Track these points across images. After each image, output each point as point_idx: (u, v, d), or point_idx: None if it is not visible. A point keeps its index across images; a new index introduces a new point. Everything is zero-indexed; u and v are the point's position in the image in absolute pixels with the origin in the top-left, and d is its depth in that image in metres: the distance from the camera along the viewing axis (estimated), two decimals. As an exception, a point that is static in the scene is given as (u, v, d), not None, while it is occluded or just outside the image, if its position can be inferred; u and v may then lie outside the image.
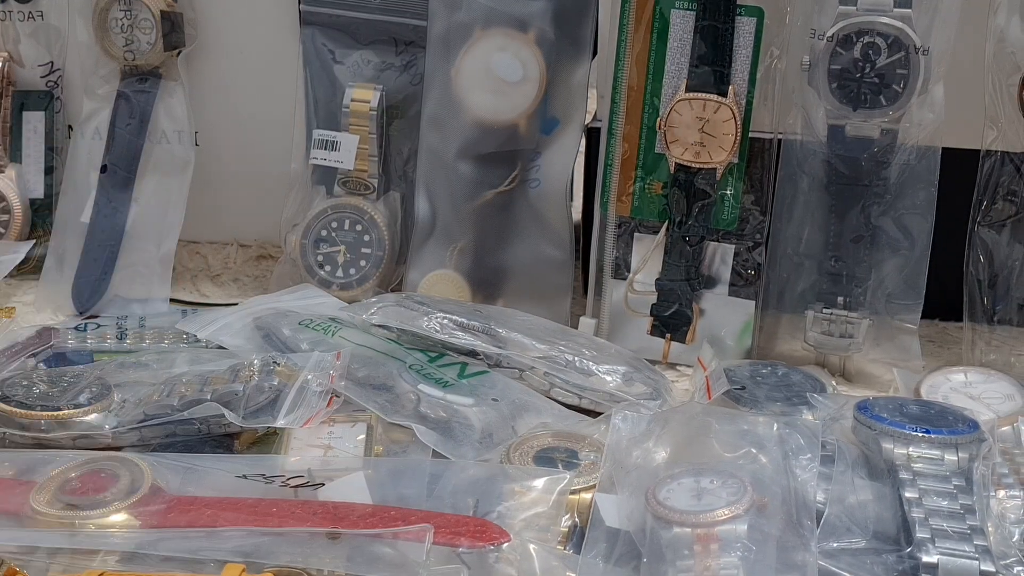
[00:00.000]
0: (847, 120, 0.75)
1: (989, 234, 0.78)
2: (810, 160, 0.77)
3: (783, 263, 0.78)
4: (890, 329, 0.77)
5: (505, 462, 0.61)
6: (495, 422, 0.66)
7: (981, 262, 0.78)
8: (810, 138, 0.76)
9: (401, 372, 0.69)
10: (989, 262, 0.78)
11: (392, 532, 0.50)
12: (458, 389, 0.69)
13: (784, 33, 0.77)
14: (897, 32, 0.72)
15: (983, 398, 0.69)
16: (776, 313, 0.80)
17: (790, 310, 0.79)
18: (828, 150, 0.76)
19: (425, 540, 0.50)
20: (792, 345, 0.80)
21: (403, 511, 0.53)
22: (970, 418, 0.60)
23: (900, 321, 0.77)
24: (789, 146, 0.78)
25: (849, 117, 0.75)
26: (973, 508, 0.53)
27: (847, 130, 0.75)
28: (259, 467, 0.58)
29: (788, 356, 0.80)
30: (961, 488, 0.55)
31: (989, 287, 0.78)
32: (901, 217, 0.76)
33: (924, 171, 0.75)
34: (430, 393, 0.68)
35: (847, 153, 0.75)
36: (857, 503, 0.55)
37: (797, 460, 0.56)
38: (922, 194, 0.75)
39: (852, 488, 0.56)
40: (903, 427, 0.58)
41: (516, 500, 0.56)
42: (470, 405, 0.67)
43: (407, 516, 0.53)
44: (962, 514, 0.53)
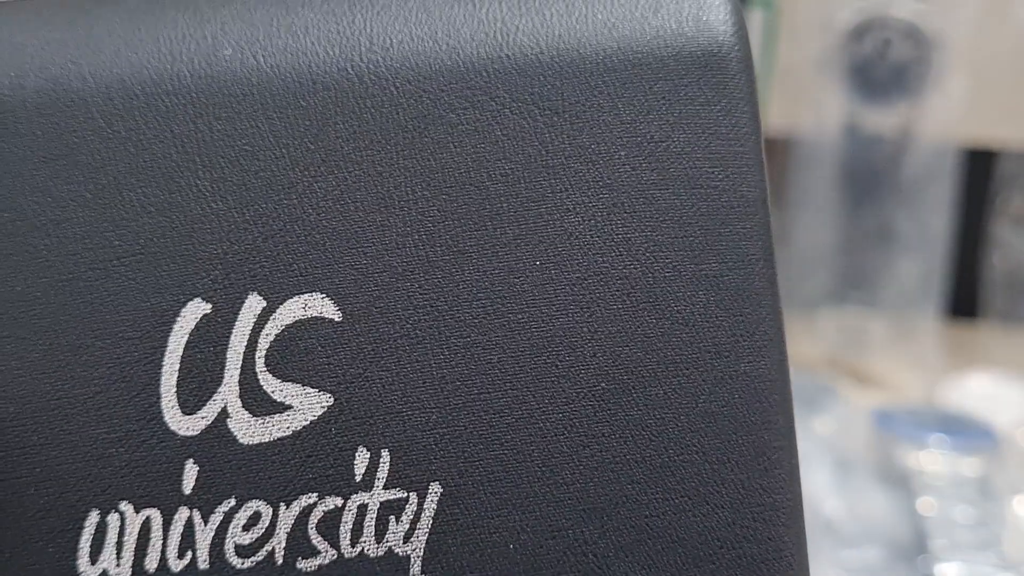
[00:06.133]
0: (861, 115, 0.75)
1: (1007, 231, 0.79)
2: (823, 156, 0.77)
3: (794, 261, 0.79)
4: (905, 329, 0.78)
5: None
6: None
7: (999, 260, 0.79)
8: (823, 134, 0.77)
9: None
10: (1007, 260, 0.79)
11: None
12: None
13: (795, 26, 0.78)
14: (913, 24, 0.73)
15: (1000, 401, 0.70)
16: (787, 313, 0.79)
17: (800, 309, 0.80)
18: (842, 146, 0.76)
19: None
20: (803, 346, 0.80)
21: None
22: (987, 424, 0.62)
23: (915, 320, 0.77)
24: (801, 142, 0.79)
25: (863, 112, 0.75)
26: (990, 516, 0.54)
27: (861, 125, 0.76)
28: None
29: (799, 357, 0.80)
30: (977, 496, 0.56)
31: (1007, 286, 0.79)
32: (917, 214, 0.76)
33: (940, 167, 0.75)
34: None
35: (861, 149, 0.76)
36: (870, 511, 0.56)
37: (807, 467, 0.57)
38: (938, 190, 0.76)
39: (865, 496, 0.57)
40: (918, 433, 0.59)
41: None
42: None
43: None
44: (978, 523, 0.54)
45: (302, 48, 0.25)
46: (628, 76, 0.25)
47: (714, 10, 0.26)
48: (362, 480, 0.25)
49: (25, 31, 0.26)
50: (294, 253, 0.25)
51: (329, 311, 0.25)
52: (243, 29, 0.26)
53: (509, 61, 0.25)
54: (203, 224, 0.25)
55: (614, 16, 0.26)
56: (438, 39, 0.25)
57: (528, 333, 0.25)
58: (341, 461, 0.25)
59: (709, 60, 0.26)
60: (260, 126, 0.25)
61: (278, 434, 0.25)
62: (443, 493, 0.25)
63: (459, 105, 0.25)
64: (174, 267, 0.25)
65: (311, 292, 0.25)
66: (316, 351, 0.25)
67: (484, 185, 0.25)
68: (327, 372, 0.25)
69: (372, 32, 0.26)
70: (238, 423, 0.25)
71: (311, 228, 0.25)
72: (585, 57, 0.25)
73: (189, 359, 0.25)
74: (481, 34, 0.26)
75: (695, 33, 0.26)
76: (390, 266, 0.25)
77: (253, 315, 0.25)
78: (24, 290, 0.25)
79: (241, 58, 0.25)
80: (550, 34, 0.26)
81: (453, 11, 0.26)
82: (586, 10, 0.26)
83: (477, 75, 0.25)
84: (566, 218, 0.25)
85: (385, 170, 0.25)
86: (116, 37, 0.26)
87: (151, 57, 0.25)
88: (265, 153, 0.25)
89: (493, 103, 0.25)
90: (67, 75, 0.25)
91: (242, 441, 0.25)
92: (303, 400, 0.25)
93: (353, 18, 0.26)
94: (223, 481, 0.24)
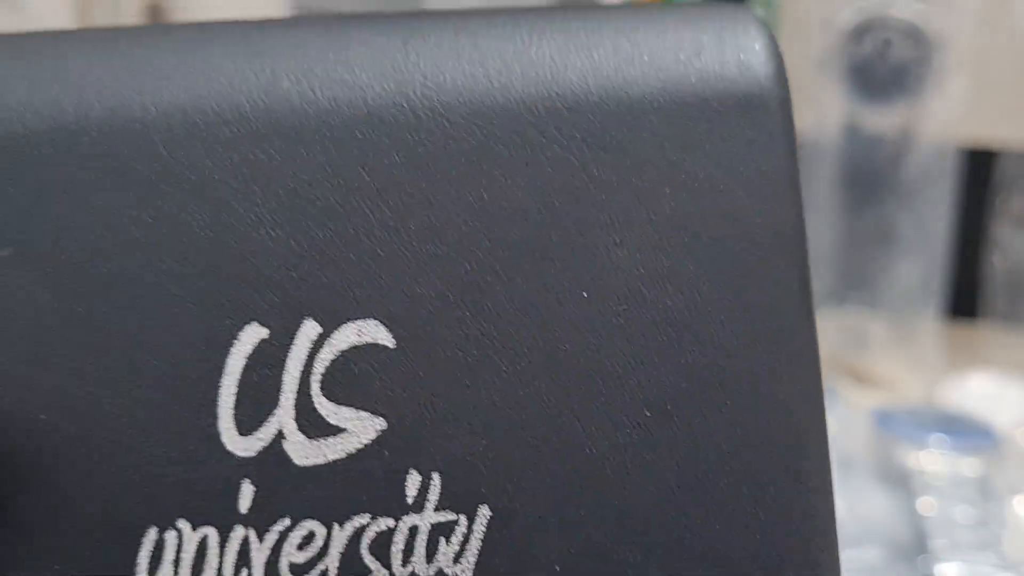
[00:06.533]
0: (861, 115, 0.76)
1: (1007, 231, 0.80)
2: (823, 156, 0.78)
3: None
4: (905, 329, 0.78)
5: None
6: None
7: (999, 260, 0.80)
8: (823, 134, 0.78)
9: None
10: (1007, 260, 0.79)
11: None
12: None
13: (795, 26, 0.78)
14: (913, 24, 0.74)
15: (1000, 401, 0.70)
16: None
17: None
18: (842, 146, 0.77)
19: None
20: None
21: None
22: (987, 424, 0.62)
23: (915, 321, 0.78)
24: (801, 142, 0.78)
25: (863, 112, 0.76)
26: (990, 516, 0.55)
27: (861, 125, 0.76)
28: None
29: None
30: (977, 496, 0.56)
31: (1007, 286, 0.80)
32: (917, 214, 0.77)
33: (941, 167, 0.76)
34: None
35: (861, 149, 0.77)
36: (870, 511, 0.57)
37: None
38: (939, 191, 0.76)
39: (865, 496, 0.58)
40: (918, 433, 0.60)
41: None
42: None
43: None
44: (978, 523, 0.54)
45: (358, 81, 0.26)
46: (673, 115, 0.26)
47: (755, 53, 0.27)
48: (413, 502, 0.25)
49: (88, 60, 0.26)
50: (349, 280, 0.25)
51: (383, 337, 0.25)
52: (300, 61, 0.26)
53: (559, 99, 0.26)
54: (261, 250, 0.25)
55: (659, 57, 0.27)
56: (490, 76, 0.26)
57: (575, 360, 0.26)
58: (393, 483, 0.25)
59: (750, 101, 0.26)
60: (317, 156, 0.26)
61: (332, 456, 0.25)
62: (492, 516, 0.25)
63: (510, 140, 0.26)
64: (232, 291, 0.25)
65: (365, 318, 0.25)
66: (370, 376, 0.25)
67: (533, 217, 0.26)
68: (380, 396, 0.25)
69: (426, 68, 0.26)
70: (293, 445, 0.25)
71: (366, 256, 0.26)
72: (632, 96, 0.26)
73: (246, 382, 0.25)
74: (532, 72, 0.26)
75: (737, 75, 0.27)
76: (442, 294, 0.26)
77: (309, 340, 0.25)
78: (86, 312, 0.25)
79: (299, 90, 0.26)
80: (598, 73, 0.26)
81: (504, 49, 0.27)
82: (632, 51, 0.27)
83: (528, 111, 0.26)
84: (612, 250, 0.26)
85: (438, 201, 0.26)
86: (176, 67, 0.26)
87: (211, 87, 0.26)
88: (322, 182, 0.26)
89: (543, 139, 0.26)
90: (130, 104, 0.26)
91: (297, 463, 0.25)
92: (357, 423, 0.25)
93: (407, 53, 0.26)
94: (278, 501, 0.25)
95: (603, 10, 0.28)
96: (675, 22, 0.27)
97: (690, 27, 0.27)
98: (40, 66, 0.26)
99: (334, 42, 0.27)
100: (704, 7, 0.28)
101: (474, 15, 0.27)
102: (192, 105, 0.26)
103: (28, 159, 0.26)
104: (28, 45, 0.27)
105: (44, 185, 0.26)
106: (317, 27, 0.27)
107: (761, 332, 0.26)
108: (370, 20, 0.27)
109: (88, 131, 0.26)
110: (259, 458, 0.25)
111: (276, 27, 0.27)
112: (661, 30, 0.27)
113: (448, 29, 0.27)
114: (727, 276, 0.26)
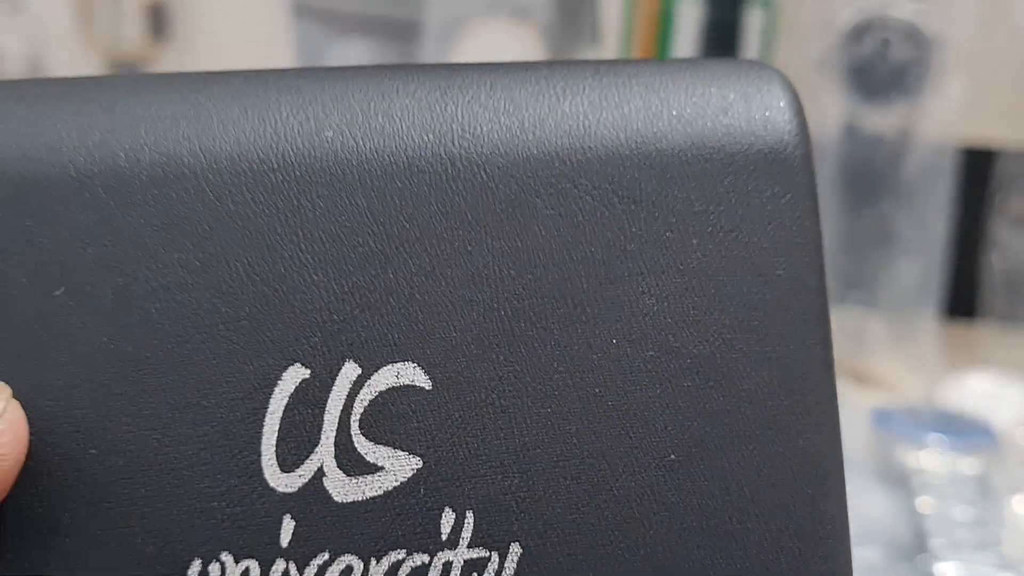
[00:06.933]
0: (861, 115, 0.76)
1: (1006, 231, 0.80)
2: (822, 156, 0.78)
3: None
4: (905, 329, 0.78)
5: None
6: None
7: (998, 260, 0.80)
8: (822, 134, 0.77)
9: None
10: (1006, 260, 0.80)
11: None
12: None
13: (795, 26, 0.78)
14: (913, 24, 0.74)
15: (999, 401, 0.71)
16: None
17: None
18: (841, 146, 0.77)
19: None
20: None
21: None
22: (986, 423, 0.63)
23: (915, 321, 0.78)
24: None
25: (863, 112, 0.76)
26: (989, 516, 0.55)
27: (861, 125, 0.76)
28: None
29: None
30: (977, 495, 0.57)
31: (1006, 286, 0.80)
32: (916, 214, 0.77)
33: (940, 167, 0.76)
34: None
35: (861, 149, 0.77)
36: (870, 510, 0.58)
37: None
38: (938, 190, 0.76)
39: (865, 495, 0.59)
40: (917, 433, 0.61)
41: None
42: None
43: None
44: (978, 522, 0.55)
45: (398, 132, 0.27)
46: (701, 170, 0.27)
47: (779, 111, 0.28)
48: (448, 539, 0.26)
49: (140, 106, 0.27)
50: (388, 324, 0.26)
51: (420, 379, 0.26)
52: (343, 112, 0.27)
53: (591, 152, 0.27)
54: (304, 294, 0.27)
55: (688, 114, 0.28)
56: (525, 129, 0.27)
57: (604, 404, 0.27)
58: (428, 520, 0.26)
59: (774, 157, 0.28)
60: (359, 203, 0.27)
61: (370, 493, 0.26)
62: (522, 553, 0.26)
63: (544, 191, 0.27)
64: (276, 333, 0.26)
65: (404, 361, 0.27)
66: (407, 417, 0.26)
67: (566, 265, 0.27)
68: (417, 436, 0.26)
69: (464, 120, 0.27)
70: (333, 482, 0.26)
71: (404, 301, 0.27)
72: (661, 151, 0.27)
73: (288, 420, 0.26)
74: (565, 126, 0.27)
75: (762, 132, 0.28)
76: (477, 338, 0.27)
77: (349, 381, 0.26)
78: (135, 351, 0.26)
79: (342, 139, 0.27)
80: (629, 128, 0.27)
81: (539, 103, 0.28)
82: (662, 107, 0.28)
83: (561, 164, 0.27)
84: (641, 299, 0.27)
85: (474, 249, 0.27)
86: (225, 115, 0.27)
87: (257, 135, 0.27)
88: (363, 229, 0.27)
89: (576, 190, 0.27)
90: (180, 150, 0.27)
91: (336, 499, 0.26)
92: (394, 462, 0.26)
93: (446, 106, 0.27)
94: (318, 536, 0.26)
95: (634, 65, 0.29)
96: (703, 79, 0.28)
97: (717, 84, 0.28)
98: (92, 110, 0.28)
99: (376, 93, 0.28)
100: (732, 63, 0.29)
101: (511, 68, 0.29)
102: (240, 152, 0.27)
103: (81, 201, 0.27)
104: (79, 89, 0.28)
105: (96, 227, 0.27)
106: (360, 77, 0.28)
107: (783, 381, 0.27)
108: (410, 72, 0.28)
109: (139, 175, 0.27)
110: (300, 494, 0.26)
111: (321, 76, 0.28)
112: (690, 86, 0.28)
113: (485, 82, 0.28)
114: (751, 326, 0.27)
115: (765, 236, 0.27)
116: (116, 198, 0.27)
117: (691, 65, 0.29)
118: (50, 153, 0.27)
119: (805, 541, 0.27)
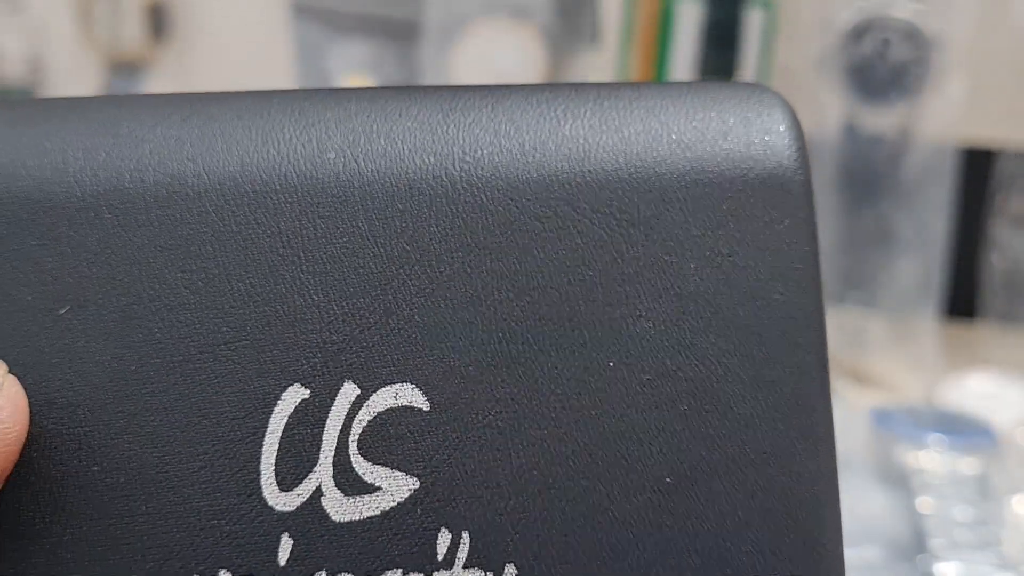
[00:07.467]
0: (861, 115, 0.76)
1: (1006, 231, 0.80)
2: (822, 156, 0.78)
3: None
4: (904, 329, 0.78)
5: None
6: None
7: (998, 260, 0.80)
8: (822, 134, 0.78)
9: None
10: (1006, 260, 0.80)
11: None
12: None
13: (795, 26, 0.78)
14: (913, 24, 0.74)
15: (999, 401, 0.71)
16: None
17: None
18: (841, 146, 0.77)
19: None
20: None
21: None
22: (986, 423, 0.63)
23: (915, 320, 0.78)
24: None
25: (863, 112, 0.76)
26: (989, 516, 0.55)
27: (861, 125, 0.76)
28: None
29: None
30: (976, 495, 0.57)
31: (1006, 286, 0.80)
32: (916, 214, 0.77)
33: (939, 167, 0.76)
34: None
35: (861, 149, 0.77)
36: (869, 510, 0.58)
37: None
38: (937, 190, 0.76)
39: (864, 495, 0.59)
40: (917, 433, 0.61)
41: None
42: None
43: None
44: (977, 522, 0.55)
45: (400, 154, 0.28)
46: (699, 194, 0.28)
47: (779, 135, 0.28)
48: (444, 559, 0.27)
49: (145, 127, 0.28)
50: (388, 345, 0.27)
51: (418, 401, 0.27)
52: (345, 134, 0.28)
53: (590, 175, 0.27)
54: (304, 314, 0.27)
55: (687, 138, 0.28)
56: (525, 152, 0.28)
57: (600, 427, 0.27)
58: (425, 540, 0.27)
59: (773, 182, 0.28)
60: (360, 225, 0.27)
61: (368, 513, 0.27)
62: (518, 574, 0.27)
63: (543, 214, 0.27)
64: (276, 354, 0.27)
65: (402, 382, 0.27)
66: (405, 437, 0.27)
67: (564, 288, 0.27)
68: (414, 457, 0.27)
69: (464, 143, 0.28)
70: (331, 501, 0.27)
71: (404, 322, 0.27)
72: (660, 175, 0.28)
73: (288, 440, 0.27)
74: (565, 149, 0.28)
75: (761, 156, 0.28)
76: (475, 360, 0.27)
77: (348, 402, 0.27)
78: (138, 369, 0.27)
79: (344, 161, 0.27)
80: (628, 151, 0.28)
81: (539, 126, 0.28)
82: (662, 131, 0.28)
83: (560, 187, 0.27)
84: (639, 322, 0.27)
85: (473, 271, 0.27)
86: (228, 136, 0.28)
87: (261, 157, 0.27)
88: (363, 251, 0.27)
89: (574, 213, 0.27)
90: (184, 171, 0.27)
91: (334, 518, 0.27)
92: (392, 482, 0.27)
93: (447, 128, 0.28)
94: (316, 554, 0.27)
95: (634, 89, 0.29)
96: (703, 102, 0.28)
97: (717, 108, 0.28)
98: (97, 131, 0.28)
99: (378, 115, 0.28)
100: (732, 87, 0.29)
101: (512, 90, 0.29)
102: (243, 173, 0.27)
103: (86, 221, 0.27)
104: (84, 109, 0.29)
105: (100, 247, 0.27)
106: (362, 99, 0.29)
107: (780, 406, 0.27)
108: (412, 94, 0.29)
109: (144, 196, 0.27)
110: (298, 513, 0.27)
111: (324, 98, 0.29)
112: (689, 110, 0.28)
113: (486, 105, 0.28)
114: (748, 351, 0.27)
115: (763, 261, 0.27)
116: (121, 218, 0.27)
117: (691, 88, 0.29)
118: (56, 173, 0.27)
119: (799, 566, 0.27)
